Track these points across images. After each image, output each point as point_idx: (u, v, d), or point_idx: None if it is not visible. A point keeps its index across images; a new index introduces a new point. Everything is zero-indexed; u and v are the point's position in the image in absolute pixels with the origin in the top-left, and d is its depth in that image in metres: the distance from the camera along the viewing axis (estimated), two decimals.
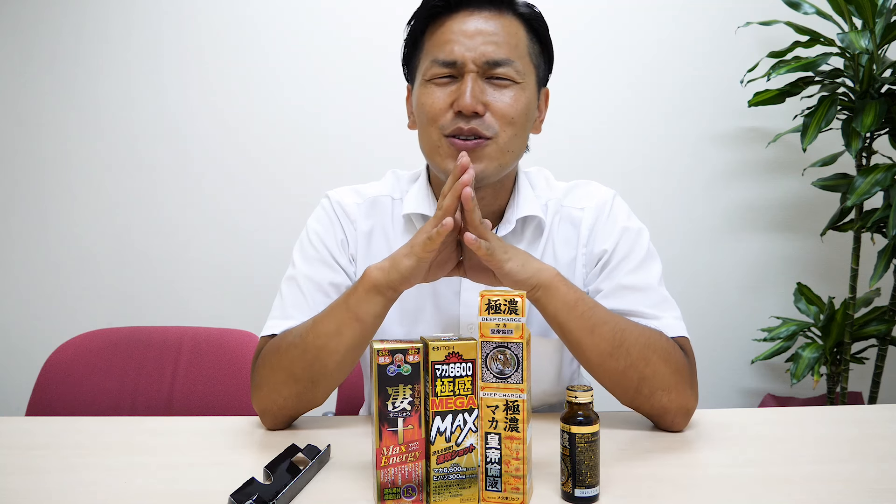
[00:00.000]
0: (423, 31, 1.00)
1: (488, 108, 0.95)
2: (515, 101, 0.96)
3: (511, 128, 0.96)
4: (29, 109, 2.27)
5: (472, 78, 0.94)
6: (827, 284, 2.18)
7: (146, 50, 2.25)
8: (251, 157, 2.25)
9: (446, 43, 0.96)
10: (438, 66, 0.96)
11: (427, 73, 0.98)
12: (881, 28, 1.82)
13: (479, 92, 0.94)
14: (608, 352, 0.91)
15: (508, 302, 0.73)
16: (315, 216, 1.12)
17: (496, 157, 0.97)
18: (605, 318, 0.92)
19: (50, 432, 1.02)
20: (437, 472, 0.73)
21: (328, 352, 0.93)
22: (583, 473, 0.73)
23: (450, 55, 0.95)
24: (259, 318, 1.09)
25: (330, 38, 2.23)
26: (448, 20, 0.97)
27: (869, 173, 1.82)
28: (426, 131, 0.98)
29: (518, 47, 0.97)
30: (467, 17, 0.96)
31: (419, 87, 1.00)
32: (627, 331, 0.93)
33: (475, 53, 0.94)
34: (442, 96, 0.96)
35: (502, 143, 0.96)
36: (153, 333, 1.43)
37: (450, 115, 0.95)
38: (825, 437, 0.96)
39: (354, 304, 0.92)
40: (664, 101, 2.23)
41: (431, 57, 0.97)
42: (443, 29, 0.97)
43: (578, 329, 0.91)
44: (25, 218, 2.28)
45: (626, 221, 1.08)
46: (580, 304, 0.91)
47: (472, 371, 0.73)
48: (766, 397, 2.21)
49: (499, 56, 0.95)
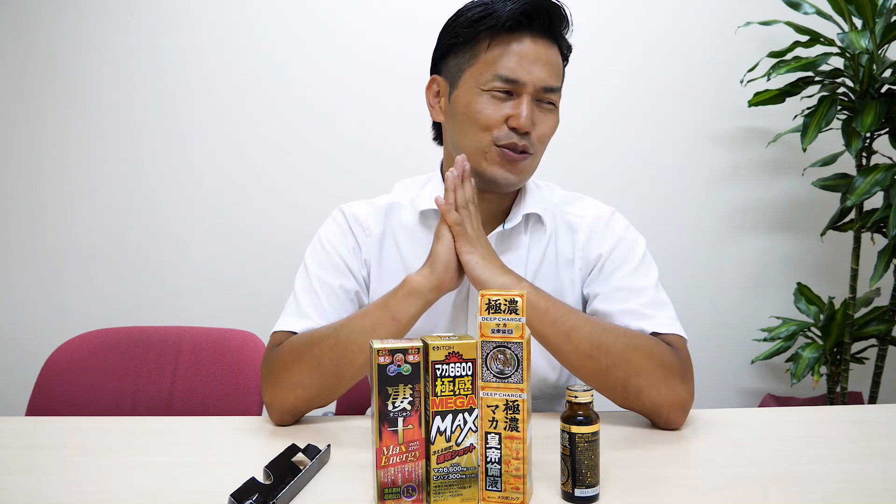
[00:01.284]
0: (478, 37, 1.04)
1: (534, 129, 1.04)
2: (553, 123, 1.07)
3: (544, 146, 1.08)
4: (29, 110, 2.27)
5: (528, 100, 1.02)
6: (827, 284, 2.18)
7: (146, 49, 2.25)
8: (251, 158, 2.25)
9: (516, 64, 1.02)
10: (500, 82, 1.03)
11: (486, 84, 1.03)
12: (881, 28, 1.82)
13: (534, 115, 1.04)
14: (587, 353, 0.95)
15: (508, 302, 0.73)
16: (327, 226, 1.16)
17: (530, 170, 1.08)
18: (580, 323, 0.96)
19: (50, 432, 1.02)
20: (437, 471, 0.73)
21: (359, 347, 0.96)
22: (583, 473, 0.73)
23: (513, 74, 1.02)
24: (259, 318, 1.10)
25: (330, 38, 2.23)
26: (513, 41, 1.03)
27: (869, 173, 1.82)
28: (476, 135, 1.05)
29: (560, 77, 1.08)
30: (531, 42, 1.03)
31: (470, 91, 1.05)
32: (606, 331, 0.97)
33: (535, 78, 1.02)
34: (499, 109, 1.03)
35: (536, 160, 1.08)
36: (153, 333, 1.43)
37: (504, 128, 1.03)
38: (825, 437, 0.96)
39: (393, 306, 0.97)
40: (664, 100, 2.23)
41: (494, 71, 1.03)
42: (508, 48, 1.03)
43: (553, 335, 0.96)
44: (25, 218, 2.28)
45: (624, 232, 1.13)
46: (552, 312, 0.96)
47: (472, 371, 0.73)
48: (766, 397, 2.21)
49: (552, 84, 1.05)
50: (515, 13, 1.01)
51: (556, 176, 1.16)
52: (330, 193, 2.22)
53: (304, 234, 2.03)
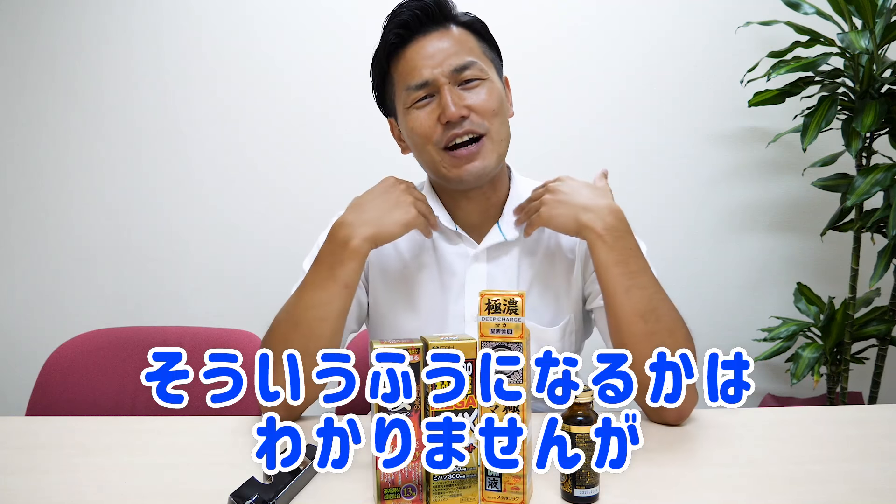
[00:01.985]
0: (388, 68, 1.09)
1: (471, 110, 1.03)
2: (490, 94, 1.05)
3: (496, 118, 1.05)
4: (29, 110, 2.27)
5: (447, 89, 1.02)
6: (827, 284, 2.18)
7: (147, 49, 2.25)
8: (251, 158, 2.25)
9: (413, 69, 1.04)
10: (414, 91, 1.04)
11: (407, 101, 1.06)
12: (881, 28, 1.82)
13: (458, 99, 1.02)
14: (640, 313, 0.96)
15: (508, 302, 0.73)
16: (326, 233, 1.15)
17: (494, 149, 1.05)
18: (643, 284, 0.98)
19: (50, 432, 1.02)
20: (436, 471, 0.73)
21: (323, 321, 0.98)
22: (583, 473, 0.73)
23: (420, 77, 1.03)
24: (259, 319, 1.10)
25: (330, 38, 2.23)
26: (407, 50, 1.06)
27: (869, 173, 1.82)
28: (424, 151, 1.06)
29: (473, 49, 1.07)
30: (422, 42, 1.05)
31: (403, 115, 1.08)
32: (664, 302, 0.98)
33: (442, 68, 1.03)
34: (426, 116, 1.04)
35: (494, 134, 1.05)
36: (153, 333, 1.43)
37: (439, 129, 1.03)
38: (825, 437, 0.96)
39: (343, 275, 0.99)
40: (664, 100, 2.22)
41: (405, 85, 1.05)
42: (405, 59, 1.06)
43: (614, 286, 0.98)
44: (26, 218, 2.28)
45: None
46: (620, 266, 0.98)
47: (472, 371, 0.73)
48: (766, 397, 2.21)
49: (462, 61, 1.03)
50: (396, 29, 1.05)
51: (556, 176, 1.16)
52: (330, 193, 2.22)
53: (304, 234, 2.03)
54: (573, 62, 2.19)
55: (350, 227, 1.00)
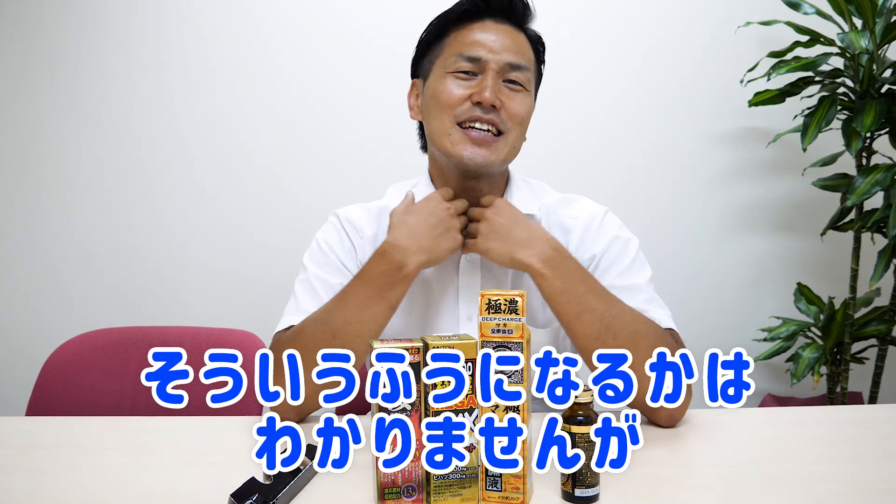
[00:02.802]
0: (447, 31, 1.09)
1: (503, 107, 1.04)
2: (524, 104, 1.07)
3: (519, 128, 1.07)
4: (29, 109, 2.26)
5: (492, 76, 1.03)
6: (827, 284, 2.18)
7: (147, 48, 2.25)
8: (252, 158, 2.25)
9: (473, 43, 1.05)
10: (463, 61, 1.04)
11: (451, 66, 1.05)
12: (881, 28, 1.82)
13: (497, 89, 1.04)
14: (594, 336, 0.96)
15: (508, 302, 0.73)
16: (323, 229, 1.17)
17: (503, 151, 1.06)
18: (592, 306, 0.97)
19: (50, 432, 1.02)
20: (436, 471, 0.73)
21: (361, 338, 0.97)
22: (583, 473, 0.73)
23: (475, 52, 1.04)
24: (259, 319, 1.10)
25: (331, 38, 2.23)
26: (475, 25, 1.06)
27: (869, 173, 1.82)
28: (438, 118, 1.06)
29: (530, 60, 1.09)
30: (492, 26, 1.06)
31: (437, 78, 1.07)
32: (617, 317, 0.97)
33: (499, 56, 1.04)
34: (460, 88, 1.04)
35: (511, 140, 1.06)
36: (153, 333, 1.43)
37: (466, 104, 1.03)
38: (825, 437, 0.96)
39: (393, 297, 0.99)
40: (664, 100, 2.23)
41: (456, 51, 1.05)
42: (470, 31, 1.06)
43: (566, 314, 0.98)
44: (26, 218, 2.28)
45: (617, 231, 1.13)
46: (566, 294, 0.98)
47: (472, 371, 0.73)
48: (766, 397, 2.21)
49: (518, 61, 1.05)
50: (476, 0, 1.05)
51: (557, 176, 1.16)
52: (330, 193, 2.22)
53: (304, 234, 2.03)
54: (573, 62, 2.19)
55: (405, 252, 0.99)
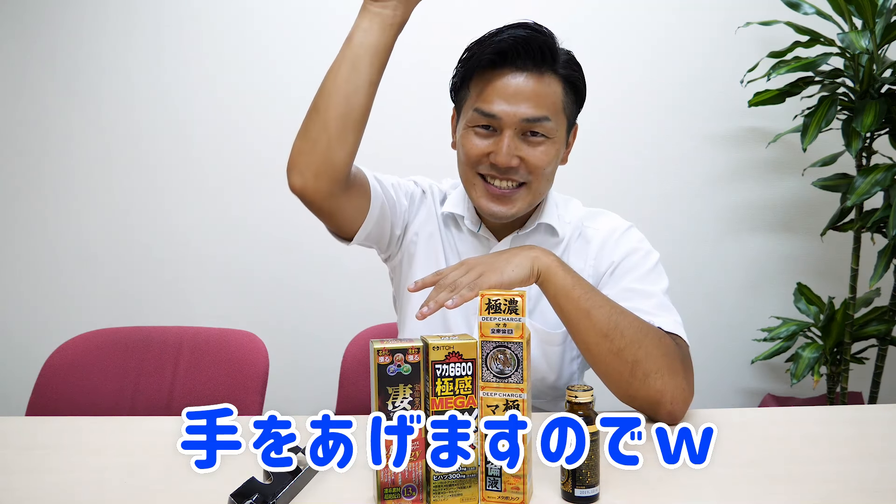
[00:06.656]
0: (471, 75, 1.07)
1: (522, 162, 1.05)
2: (546, 154, 1.06)
3: (542, 176, 1.07)
4: (30, 108, 2.27)
5: (508, 136, 1.03)
6: (827, 284, 2.18)
7: (149, 47, 2.25)
8: (254, 156, 2.25)
9: (488, 98, 1.04)
10: (480, 116, 1.05)
11: (470, 120, 1.06)
12: (881, 28, 1.82)
13: (514, 148, 1.04)
14: (603, 333, 0.96)
15: (508, 302, 0.73)
16: (422, 177, 1.25)
17: (527, 199, 1.08)
18: (600, 303, 0.97)
19: (50, 432, 1.02)
20: (437, 471, 0.73)
21: (333, 73, 1.05)
22: (583, 473, 0.73)
23: (490, 109, 1.03)
24: (260, 319, 1.10)
25: (333, 36, 2.23)
26: (495, 73, 1.04)
27: (869, 173, 1.82)
28: (464, 169, 1.10)
29: (554, 105, 1.05)
30: (512, 76, 1.03)
31: (463, 128, 1.09)
32: (623, 315, 0.97)
33: (515, 111, 1.02)
34: (481, 145, 1.06)
35: (534, 188, 1.08)
36: (153, 333, 1.43)
37: (486, 161, 1.05)
38: (825, 437, 0.96)
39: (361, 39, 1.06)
40: (664, 100, 2.23)
41: (475, 106, 1.05)
42: (489, 82, 1.04)
43: (575, 311, 0.96)
44: (26, 217, 2.28)
45: (638, 243, 1.14)
46: (577, 289, 0.96)
47: (472, 371, 0.73)
48: (766, 397, 2.21)
49: (535, 115, 1.03)
50: (491, 55, 1.03)
51: (556, 176, 1.16)
52: None
53: (305, 234, 2.03)
54: None
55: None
